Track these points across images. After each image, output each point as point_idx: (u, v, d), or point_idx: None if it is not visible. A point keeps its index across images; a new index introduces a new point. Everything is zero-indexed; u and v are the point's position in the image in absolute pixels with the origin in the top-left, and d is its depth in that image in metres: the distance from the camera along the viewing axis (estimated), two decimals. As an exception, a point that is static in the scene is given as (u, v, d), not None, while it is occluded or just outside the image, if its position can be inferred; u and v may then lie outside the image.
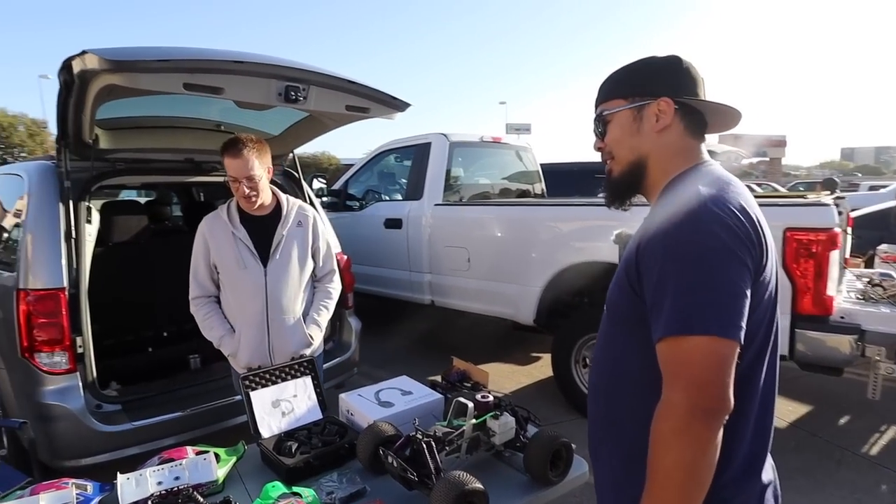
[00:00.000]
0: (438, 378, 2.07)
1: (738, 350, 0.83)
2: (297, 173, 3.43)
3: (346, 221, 5.10)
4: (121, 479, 1.31)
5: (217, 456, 1.54)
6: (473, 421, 1.51)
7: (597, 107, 1.10)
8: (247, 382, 1.72)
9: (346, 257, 3.50)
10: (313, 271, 2.29)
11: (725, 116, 1.06)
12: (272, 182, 2.22)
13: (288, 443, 1.58)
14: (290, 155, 3.40)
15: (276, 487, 1.30)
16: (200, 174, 3.09)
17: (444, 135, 4.55)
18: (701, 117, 1.03)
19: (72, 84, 1.95)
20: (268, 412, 1.71)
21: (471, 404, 1.53)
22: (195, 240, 2.14)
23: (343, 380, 3.32)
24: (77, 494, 1.29)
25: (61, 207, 2.42)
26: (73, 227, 2.42)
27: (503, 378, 4.24)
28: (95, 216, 2.66)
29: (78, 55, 1.78)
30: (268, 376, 1.77)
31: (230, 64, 1.96)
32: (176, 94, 2.07)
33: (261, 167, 2.04)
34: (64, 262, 2.35)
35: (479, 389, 1.94)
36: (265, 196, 2.12)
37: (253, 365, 2.00)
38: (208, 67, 1.93)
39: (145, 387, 2.65)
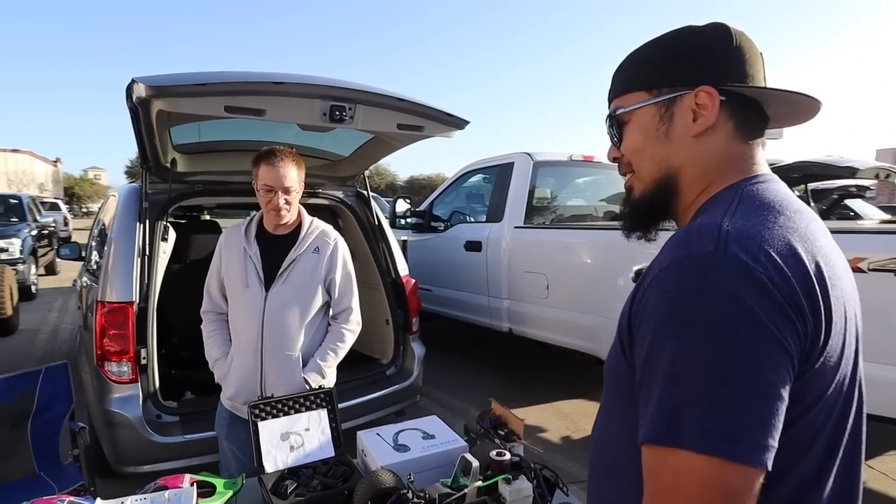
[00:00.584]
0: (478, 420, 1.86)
1: (761, 479, 0.53)
2: (367, 193, 3.42)
3: (429, 243, 5.04)
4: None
5: (214, 488, 1.47)
6: (479, 483, 1.29)
7: (610, 102, 0.82)
8: (256, 411, 1.64)
9: (413, 280, 3.40)
10: (327, 306, 2.05)
11: (795, 107, 0.74)
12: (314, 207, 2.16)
13: (285, 482, 1.47)
14: (362, 175, 3.41)
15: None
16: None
17: (528, 154, 4.33)
18: (756, 112, 0.73)
19: (136, 111, 2.07)
20: (275, 445, 1.61)
21: (476, 463, 1.31)
22: (215, 251, 2.04)
23: (404, 407, 3.21)
24: (61, 516, 1.27)
25: (138, 226, 2.59)
26: (146, 245, 2.58)
27: (584, 418, 3.84)
28: (172, 234, 2.83)
29: (131, 83, 1.88)
30: (280, 406, 1.68)
31: (270, 85, 1.96)
32: (250, 119, 2.11)
33: (297, 180, 1.90)
34: (135, 277, 2.50)
35: (511, 440, 1.69)
36: (294, 212, 1.97)
37: (237, 400, 1.90)
38: (248, 90, 1.95)
39: (203, 401, 2.72)
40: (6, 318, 6.02)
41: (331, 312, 2.06)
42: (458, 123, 2.51)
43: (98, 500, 1.29)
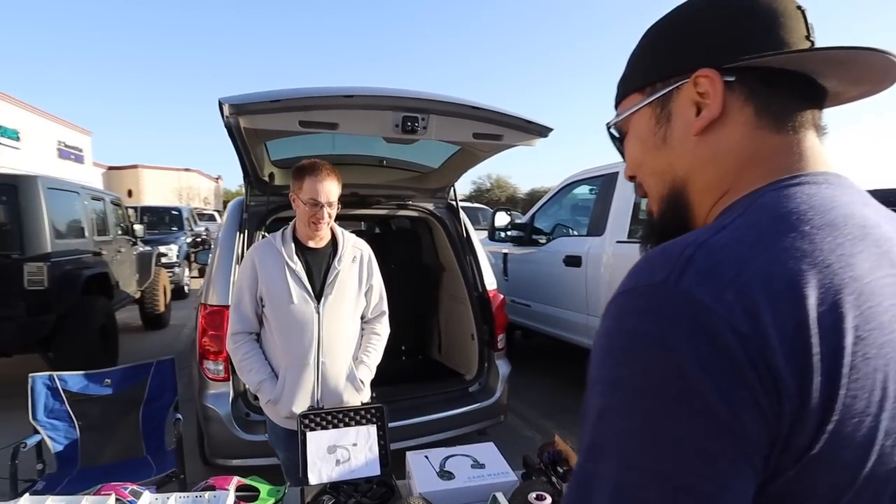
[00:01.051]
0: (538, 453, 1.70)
1: None
2: (456, 204, 3.38)
3: (530, 257, 4.87)
4: (146, 496, 1.34)
5: (257, 493, 1.50)
6: (508, 528, 1.15)
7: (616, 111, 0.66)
8: (306, 421, 1.64)
9: (501, 296, 3.28)
10: (363, 312, 2.08)
11: (862, 72, 0.52)
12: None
13: (323, 496, 1.44)
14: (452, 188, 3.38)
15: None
16: (364, 207, 3.28)
17: (636, 162, 4.00)
18: (794, 89, 0.52)
19: (230, 128, 2.24)
20: (321, 457, 1.60)
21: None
22: (241, 268, 2.02)
23: (486, 426, 3.09)
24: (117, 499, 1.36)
25: (238, 235, 2.80)
26: (243, 252, 2.77)
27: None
28: (271, 244, 3.02)
29: (220, 103, 2.02)
30: (329, 418, 1.68)
31: (340, 99, 1.99)
32: (344, 134, 2.19)
33: (337, 194, 1.90)
34: (232, 282, 2.69)
35: (568, 479, 1.51)
36: (329, 227, 1.97)
37: (299, 412, 1.82)
38: (319, 104, 2.00)
39: None
40: (158, 315, 6.93)
41: (366, 317, 2.09)
42: (540, 131, 2.37)
43: (148, 491, 1.37)
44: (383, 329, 2.10)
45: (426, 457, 1.60)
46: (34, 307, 4.02)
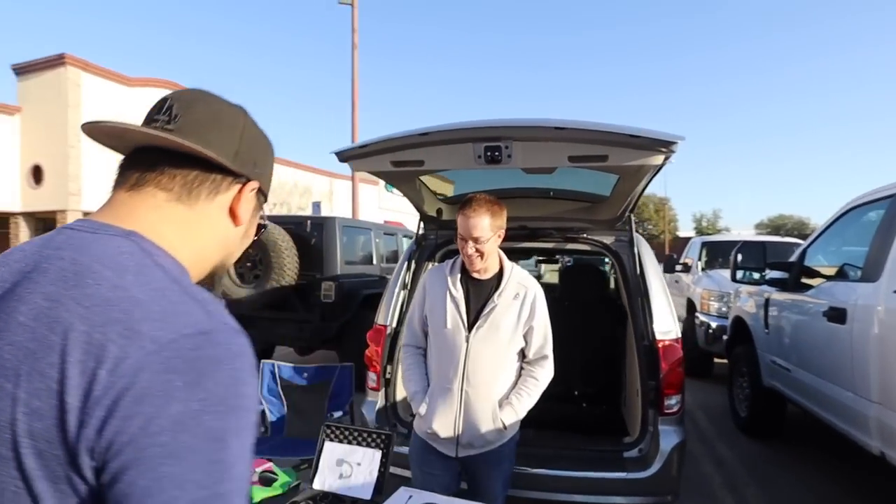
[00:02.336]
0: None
1: None
2: (633, 238, 2.96)
3: (793, 305, 3.75)
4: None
5: (274, 477, 1.74)
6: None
7: None
8: (328, 431, 1.80)
9: (677, 346, 2.69)
10: (522, 353, 2.03)
11: None
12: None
13: (310, 500, 1.57)
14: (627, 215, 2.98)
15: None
16: (534, 240, 3.22)
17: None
18: None
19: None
20: (329, 467, 1.74)
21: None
22: (418, 287, 2.21)
23: (638, 504, 2.55)
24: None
25: (405, 265, 3.17)
26: (408, 281, 3.12)
27: None
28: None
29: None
30: (347, 433, 1.79)
31: (416, 137, 2.13)
32: (513, 169, 2.37)
33: (490, 229, 1.89)
34: (393, 306, 3.06)
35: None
36: (491, 261, 1.98)
37: (440, 433, 1.96)
38: (400, 145, 2.17)
39: None
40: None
41: (526, 358, 2.03)
42: (653, 145, 1.94)
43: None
44: (543, 374, 2.00)
45: (411, 496, 1.55)
46: (325, 315, 5.35)
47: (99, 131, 0.69)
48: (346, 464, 1.74)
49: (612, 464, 2.61)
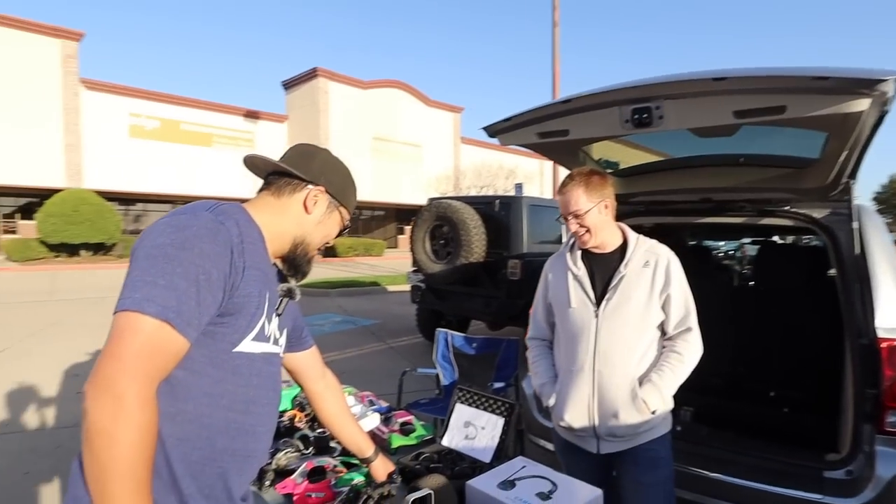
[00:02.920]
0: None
1: None
2: (851, 209, 2.36)
3: None
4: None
5: (413, 429, 1.92)
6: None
7: None
8: (460, 394, 1.90)
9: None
10: (662, 327, 1.82)
11: None
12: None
13: (419, 463, 1.67)
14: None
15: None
16: (720, 215, 2.81)
17: None
18: None
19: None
20: (458, 427, 1.84)
21: None
22: (540, 277, 2.08)
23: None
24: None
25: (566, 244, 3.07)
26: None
27: None
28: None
29: None
30: (476, 398, 1.86)
31: (558, 106, 2.05)
32: (688, 135, 2.25)
33: (589, 202, 1.78)
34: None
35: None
36: (602, 235, 1.83)
37: (573, 424, 1.84)
38: (544, 115, 2.11)
39: None
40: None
41: (667, 333, 1.82)
42: (853, 86, 1.53)
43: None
44: (687, 349, 1.78)
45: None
46: (511, 292, 5.50)
47: (250, 161, 1.15)
48: (472, 426, 1.82)
49: (805, 481, 2.17)
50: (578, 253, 1.92)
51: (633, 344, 1.77)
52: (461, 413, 1.86)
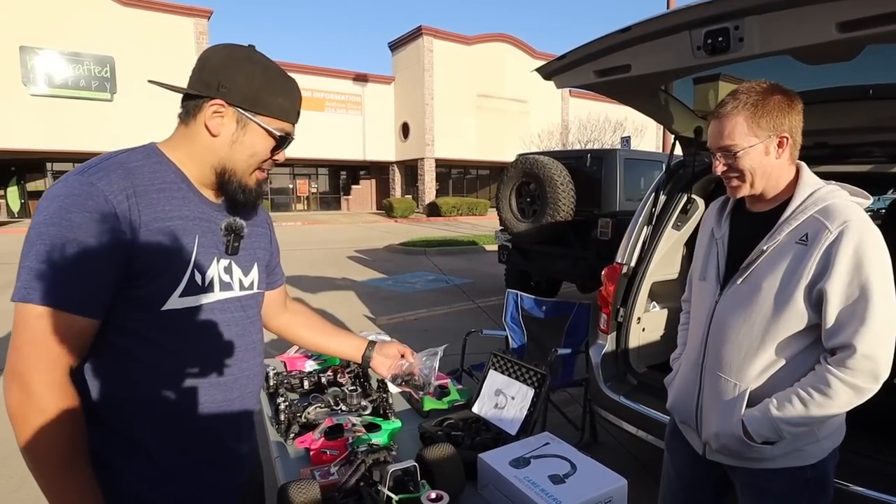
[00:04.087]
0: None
1: None
2: None
3: None
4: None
5: (447, 392, 1.85)
6: None
7: None
8: (494, 361, 1.77)
9: None
10: (812, 331, 1.24)
11: None
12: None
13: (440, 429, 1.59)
14: None
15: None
16: (840, 162, 2.31)
17: None
18: None
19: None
20: (489, 395, 1.72)
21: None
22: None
23: None
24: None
25: (652, 197, 2.74)
26: (653, 215, 2.70)
27: None
28: (697, 209, 2.69)
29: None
30: (509, 365, 1.72)
31: (617, 36, 1.76)
32: (791, 62, 1.84)
33: (751, 136, 1.24)
34: (631, 243, 2.71)
35: None
36: (765, 184, 1.29)
37: (678, 416, 1.52)
38: (601, 49, 1.83)
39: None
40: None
41: (825, 344, 1.23)
42: None
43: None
44: (845, 375, 1.16)
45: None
46: (601, 253, 5.15)
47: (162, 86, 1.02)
48: (503, 395, 1.69)
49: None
50: (728, 208, 1.44)
51: (754, 347, 1.28)
52: (494, 380, 1.75)
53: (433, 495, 1.01)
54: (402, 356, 1.42)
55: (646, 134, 19.49)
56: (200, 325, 0.94)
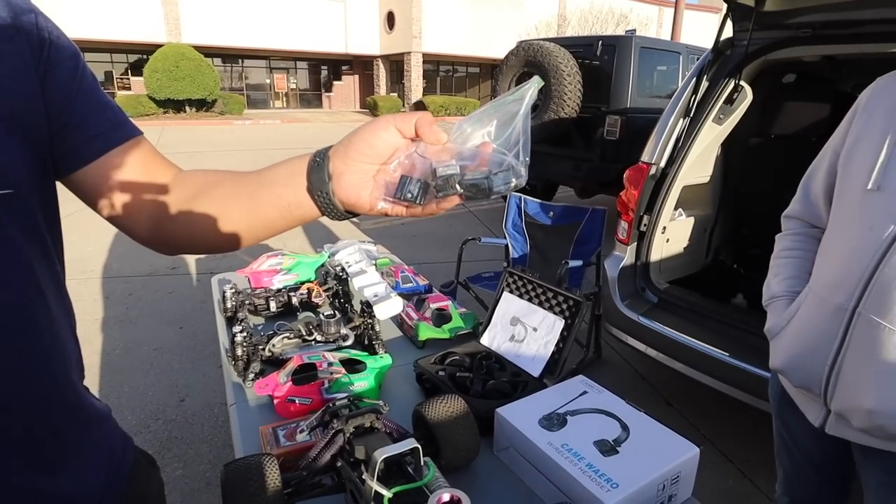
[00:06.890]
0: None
1: None
2: None
3: None
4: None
5: (448, 318, 1.50)
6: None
7: None
8: (510, 279, 1.40)
9: None
10: None
11: None
12: None
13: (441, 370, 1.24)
14: None
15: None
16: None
17: None
18: None
19: None
20: (503, 323, 1.37)
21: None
22: (846, 117, 1.10)
23: None
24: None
25: (692, 83, 2.26)
26: (693, 105, 2.24)
27: None
28: (745, 98, 2.23)
29: None
30: (530, 287, 1.35)
31: None
32: None
33: None
34: (663, 139, 2.28)
35: None
36: None
37: (794, 380, 1.10)
38: None
39: (688, 295, 2.29)
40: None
41: None
42: None
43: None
44: None
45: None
46: (606, 154, 4.70)
47: None
48: (522, 325, 1.34)
49: None
50: None
51: None
52: (509, 304, 1.38)
53: (446, 497, 0.67)
54: (411, 138, 0.56)
55: (650, 29, 18.14)
56: None
